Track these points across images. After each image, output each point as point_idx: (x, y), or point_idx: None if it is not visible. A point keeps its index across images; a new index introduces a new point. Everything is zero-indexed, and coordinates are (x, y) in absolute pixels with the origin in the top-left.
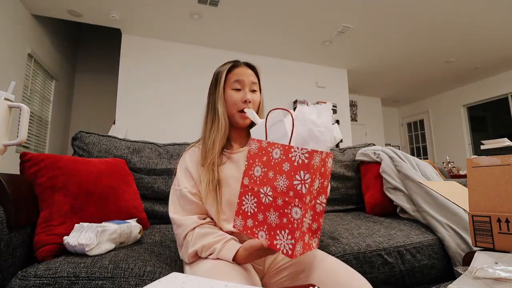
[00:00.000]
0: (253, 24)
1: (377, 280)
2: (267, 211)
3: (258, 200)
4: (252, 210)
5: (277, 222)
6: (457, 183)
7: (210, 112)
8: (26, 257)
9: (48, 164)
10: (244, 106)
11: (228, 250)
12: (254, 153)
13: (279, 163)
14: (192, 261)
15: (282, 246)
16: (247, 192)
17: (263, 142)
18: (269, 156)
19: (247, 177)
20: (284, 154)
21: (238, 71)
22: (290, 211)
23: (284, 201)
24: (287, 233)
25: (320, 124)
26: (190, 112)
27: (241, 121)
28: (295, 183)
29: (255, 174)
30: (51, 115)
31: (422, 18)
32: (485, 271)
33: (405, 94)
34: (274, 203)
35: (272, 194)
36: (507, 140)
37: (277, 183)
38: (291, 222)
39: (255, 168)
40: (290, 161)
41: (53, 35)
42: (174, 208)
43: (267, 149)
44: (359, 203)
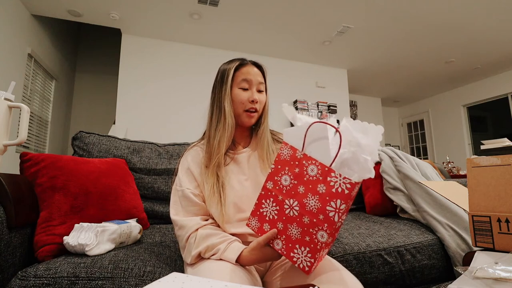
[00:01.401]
0: (253, 24)
1: (377, 280)
2: (289, 223)
3: (281, 209)
4: (271, 216)
5: (299, 237)
6: (457, 183)
7: (215, 111)
8: (26, 257)
9: (48, 164)
10: (251, 106)
11: (232, 251)
12: (284, 160)
13: (313, 181)
14: (194, 262)
15: (300, 260)
16: (269, 197)
17: (298, 152)
18: (302, 170)
19: (271, 182)
20: (321, 175)
21: (246, 70)
22: (315, 233)
23: (312, 221)
24: (307, 251)
25: (366, 147)
26: (191, 112)
27: (247, 120)
28: (328, 209)
29: (282, 182)
30: (51, 115)
31: (422, 18)
32: (485, 271)
33: (405, 94)
34: (299, 219)
35: (299, 210)
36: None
37: (307, 201)
38: (314, 243)
39: (283, 176)
40: (328, 185)
41: (53, 35)
42: (176, 209)
43: (302, 162)
44: (359, 203)
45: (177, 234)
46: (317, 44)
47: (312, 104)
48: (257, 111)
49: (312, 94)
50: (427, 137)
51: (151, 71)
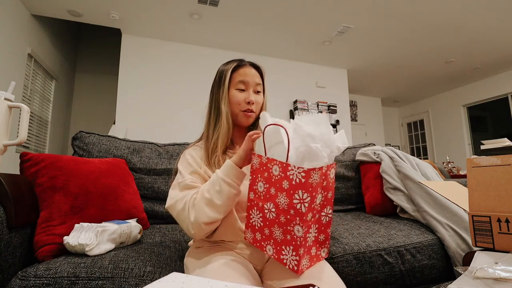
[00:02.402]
0: (253, 24)
1: (377, 280)
2: (272, 227)
3: (263, 215)
4: (259, 224)
5: (282, 237)
6: (457, 183)
7: (213, 111)
8: (26, 257)
9: (48, 164)
10: (247, 107)
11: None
12: (256, 169)
13: (279, 180)
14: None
15: (288, 261)
16: (253, 206)
17: (263, 157)
18: (269, 172)
19: (252, 192)
20: (282, 172)
21: (243, 71)
22: (292, 229)
23: (286, 218)
24: (291, 249)
25: (318, 137)
26: (190, 112)
27: (244, 120)
28: (294, 202)
29: (258, 189)
30: (51, 115)
31: (422, 18)
32: (485, 271)
33: (405, 94)
34: (278, 219)
35: (275, 210)
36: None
37: (279, 200)
38: (294, 240)
39: (258, 184)
40: (289, 179)
41: (53, 35)
42: (173, 196)
43: (267, 165)
44: (359, 203)
45: (180, 208)
46: (317, 44)
47: (312, 104)
48: (254, 112)
49: (312, 94)
50: (427, 137)
51: (151, 71)
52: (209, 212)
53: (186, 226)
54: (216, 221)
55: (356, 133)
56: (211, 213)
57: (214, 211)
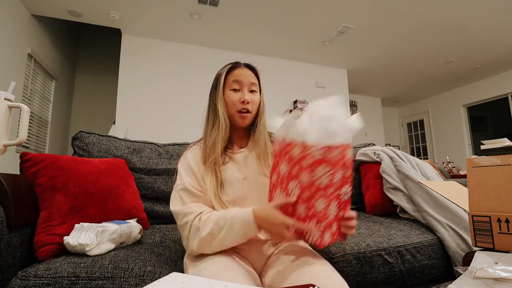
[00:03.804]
0: (253, 24)
1: (377, 280)
2: (296, 204)
3: (287, 194)
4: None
5: (305, 214)
6: (457, 183)
7: (211, 113)
8: (26, 257)
9: (48, 164)
10: (242, 107)
11: (245, 210)
12: (277, 152)
13: (300, 159)
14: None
15: (311, 236)
16: (276, 187)
17: (284, 140)
18: (290, 154)
19: (275, 174)
20: (303, 152)
21: (237, 72)
22: (314, 204)
23: (309, 194)
24: (314, 224)
25: (335, 118)
26: (190, 112)
27: (241, 121)
28: (316, 178)
29: (280, 171)
30: (51, 115)
31: (422, 18)
32: (485, 271)
33: (405, 94)
34: (301, 197)
35: (299, 188)
36: (507, 140)
37: (302, 178)
38: (316, 214)
39: (280, 166)
40: (310, 156)
41: (53, 35)
42: (175, 203)
43: (288, 148)
44: (359, 203)
45: (181, 224)
46: (317, 44)
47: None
48: (249, 111)
49: (312, 94)
50: (427, 137)
51: (151, 71)
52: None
53: (184, 242)
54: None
55: (356, 133)
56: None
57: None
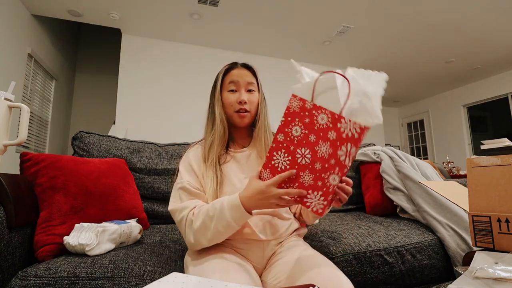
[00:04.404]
0: (253, 24)
1: (377, 280)
2: (301, 171)
3: (293, 159)
4: (283, 166)
5: (311, 183)
6: (457, 183)
7: (210, 115)
8: (26, 257)
9: (48, 164)
10: (240, 107)
11: (232, 196)
12: (294, 111)
13: (324, 129)
14: (198, 239)
15: (313, 205)
16: (281, 148)
17: (307, 102)
18: (312, 119)
19: (282, 134)
20: (331, 122)
21: (234, 73)
22: (327, 177)
23: (323, 167)
24: (320, 194)
25: (371, 94)
26: (190, 112)
27: (239, 120)
28: (339, 153)
29: (292, 133)
30: (51, 115)
31: (422, 18)
32: (485, 271)
33: (405, 94)
34: (312, 166)
35: (311, 157)
36: (507, 140)
37: (319, 148)
38: (326, 187)
39: (293, 128)
40: (338, 131)
41: (53, 35)
42: (174, 200)
43: (312, 112)
44: (359, 203)
45: (178, 219)
46: (317, 44)
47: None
48: (247, 111)
49: None
50: (427, 137)
51: (151, 71)
52: (206, 243)
53: (185, 238)
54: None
55: None
56: (207, 244)
57: (211, 243)
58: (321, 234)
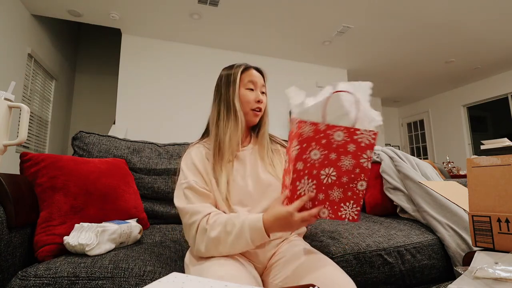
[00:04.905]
0: (253, 24)
1: (377, 280)
2: (329, 190)
3: (319, 181)
4: (308, 192)
5: (341, 196)
6: (457, 183)
7: (223, 109)
8: (26, 257)
9: (48, 164)
10: (257, 106)
11: (254, 217)
12: (308, 137)
13: (342, 145)
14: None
15: (348, 215)
16: (303, 176)
17: (320, 125)
18: (329, 139)
19: (300, 162)
20: (348, 136)
21: (252, 73)
22: (355, 185)
23: (350, 178)
24: (352, 203)
25: (364, 102)
26: (191, 112)
27: (253, 119)
28: (361, 161)
29: (312, 157)
30: (51, 115)
31: (422, 18)
32: (485, 271)
33: (405, 94)
34: (339, 181)
35: (336, 174)
36: (507, 140)
37: (342, 164)
38: (356, 194)
39: (311, 152)
40: (356, 142)
41: (53, 35)
42: (181, 199)
43: (326, 132)
44: None
45: (189, 222)
46: (317, 44)
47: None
48: (261, 110)
49: (312, 94)
50: (427, 137)
51: (151, 71)
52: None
53: (190, 242)
54: None
55: None
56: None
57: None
58: (321, 234)
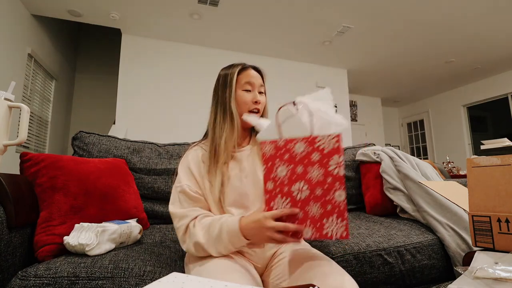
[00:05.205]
0: (253, 24)
1: (377, 280)
2: (306, 206)
3: (292, 199)
4: (292, 208)
5: (321, 212)
6: (457, 183)
7: (221, 112)
8: (26, 257)
9: (48, 164)
10: (254, 107)
11: (232, 219)
12: (271, 155)
13: (306, 155)
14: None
15: (334, 232)
16: (275, 195)
17: (278, 141)
18: (291, 153)
19: (270, 181)
20: (309, 146)
21: (249, 73)
22: (333, 196)
23: (324, 189)
24: (335, 217)
25: (329, 109)
26: (190, 112)
27: None
28: (330, 169)
29: (278, 175)
30: (51, 115)
31: (422, 18)
32: (485, 271)
33: (405, 94)
34: (313, 195)
35: (308, 187)
36: (507, 140)
37: (311, 175)
38: (337, 206)
39: (278, 169)
40: (319, 149)
41: (53, 35)
42: (175, 204)
43: (287, 147)
44: (359, 203)
45: (177, 226)
46: (317, 44)
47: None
48: (259, 111)
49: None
50: (427, 137)
51: (151, 71)
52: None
53: (182, 244)
54: None
55: (356, 133)
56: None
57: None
58: None
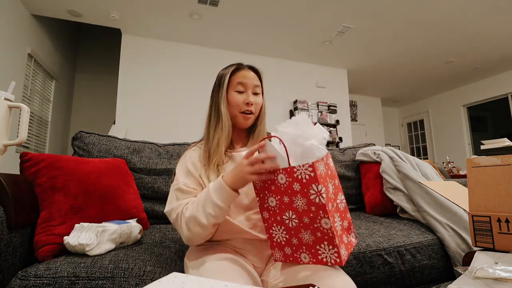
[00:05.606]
0: (253, 24)
1: (377, 280)
2: (299, 233)
3: (286, 227)
4: (284, 239)
5: (313, 239)
6: (457, 183)
7: (213, 113)
8: (26, 257)
9: (48, 164)
10: (246, 108)
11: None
12: (260, 187)
13: (288, 186)
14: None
15: (328, 258)
16: (272, 224)
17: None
18: (276, 184)
19: (265, 211)
20: (289, 176)
21: (242, 74)
22: (320, 224)
23: (310, 217)
24: (326, 244)
25: (305, 135)
26: (190, 112)
27: (243, 122)
28: (312, 198)
29: (270, 205)
30: (51, 115)
31: (422, 18)
32: (485, 271)
33: (405, 94)
34: (302, 223)
35: (296, 216)
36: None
37: (296, 204)
38: (325, 234)
39: (268, 200)
40: (298, 180)
41: (53, 35)
42: (170, 201)
43: (272, 178)
44: (359, 203)
45: (174, 218)
46: (317, 44)
47: (312, 104)
48: (253, 113)
49: (312, 94)
50: (427, 137)
51: (151, 71)
52: (200, 231)
53: (182, 236)
54: (209, 234)
55: (356, 133)
56: (202, 232)
57: (205, 230)
58: None
